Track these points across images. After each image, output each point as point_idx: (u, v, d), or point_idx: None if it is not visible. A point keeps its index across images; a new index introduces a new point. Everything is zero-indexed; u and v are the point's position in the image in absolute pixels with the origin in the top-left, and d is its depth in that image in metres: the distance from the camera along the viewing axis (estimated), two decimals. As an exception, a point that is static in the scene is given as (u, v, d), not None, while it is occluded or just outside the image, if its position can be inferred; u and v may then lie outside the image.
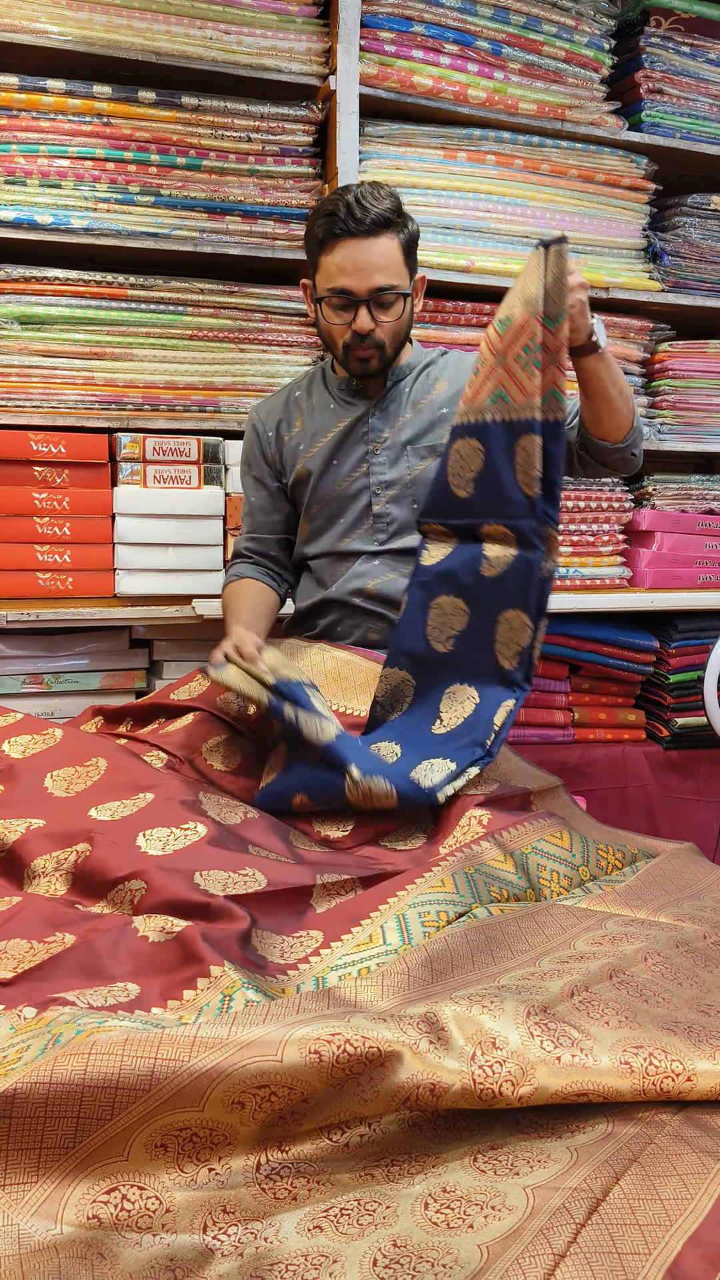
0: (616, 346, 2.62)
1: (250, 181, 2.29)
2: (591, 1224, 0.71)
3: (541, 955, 1.06)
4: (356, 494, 1.87)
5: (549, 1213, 0.72)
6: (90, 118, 2.18)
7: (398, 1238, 0.73)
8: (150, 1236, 0.74)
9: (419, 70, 2.35)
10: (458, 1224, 0.73)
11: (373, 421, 1.85)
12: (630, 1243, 0.70)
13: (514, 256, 2.49)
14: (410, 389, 1.87)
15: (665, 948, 1.08)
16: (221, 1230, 0.75)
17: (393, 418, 1.86)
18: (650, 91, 2.60)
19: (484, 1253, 0.69)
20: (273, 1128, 0.80)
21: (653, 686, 2.76)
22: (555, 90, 2.48)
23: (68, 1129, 0.75)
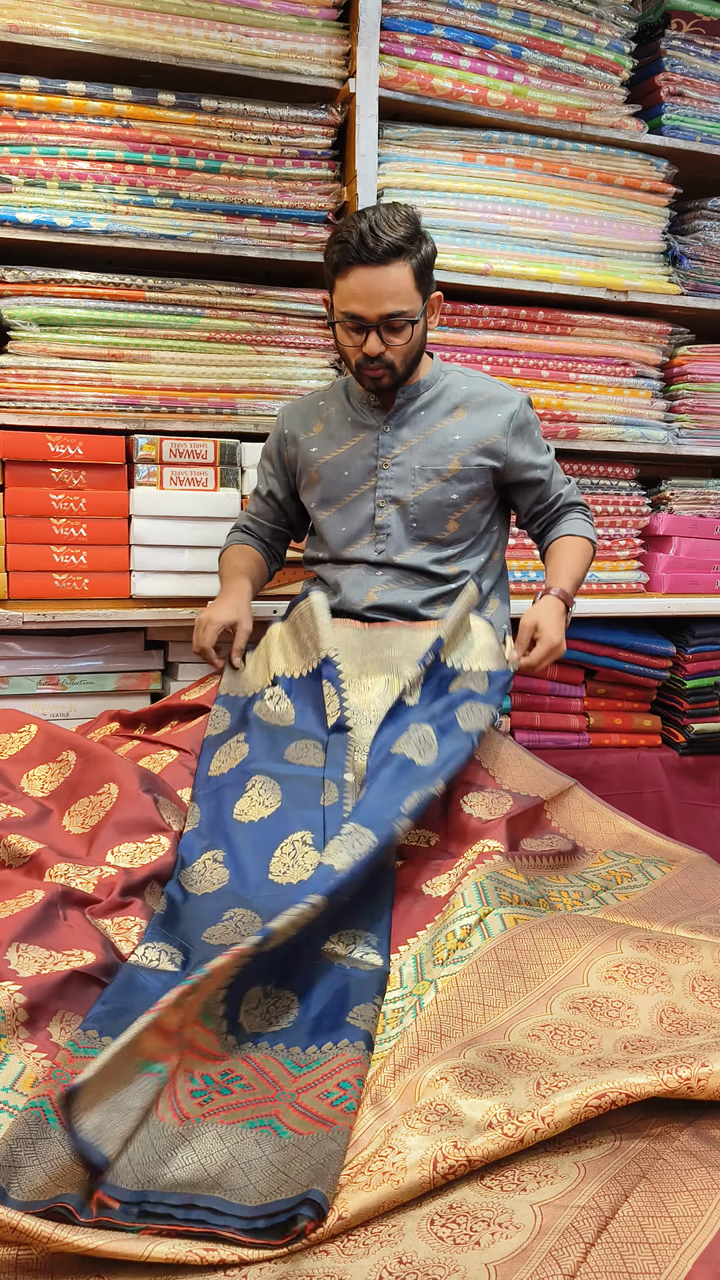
0: (635, 350, 2.61)
1: (269, 184, 2.29)
2: (601, 1243, 0.71)
3: (555, 991, 1.04)
4: (362, 504, 1.90)
5: (557, 1233, 0.71)
6: (110, 120, 2.18)
7: (404, 1254, 0.73)
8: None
9: (439, 73, 2.35)
10: (464, 1240, 0.73)
11: (384, 439, 1.88)
12: (640, 1262, 0.70)
13: (533, 259, 2.48)
14: (426, 411, 1.89)
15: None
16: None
17: (405, 437, 1.88)
18: (671, 94, 2.58)
19: (492, 1273, 0.68)
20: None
21: (669, 692, 2.75)
22: (575, 93, 2.47)
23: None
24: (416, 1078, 0.88)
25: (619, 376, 2.61)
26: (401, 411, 1.88)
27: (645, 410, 2.63)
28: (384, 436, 1.88)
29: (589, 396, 2.57)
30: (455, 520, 1.88)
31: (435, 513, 1.87)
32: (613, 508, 2.64)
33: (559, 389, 2.55)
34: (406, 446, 1.87)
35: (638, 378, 2.63)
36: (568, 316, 2.54)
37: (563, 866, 1.46)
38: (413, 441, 1.87)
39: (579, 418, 2.56)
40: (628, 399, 2.61)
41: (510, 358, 2.51)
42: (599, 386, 2.58)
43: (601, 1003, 1.01)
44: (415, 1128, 0.82)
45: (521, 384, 2.50)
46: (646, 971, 1.04)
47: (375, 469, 1.88)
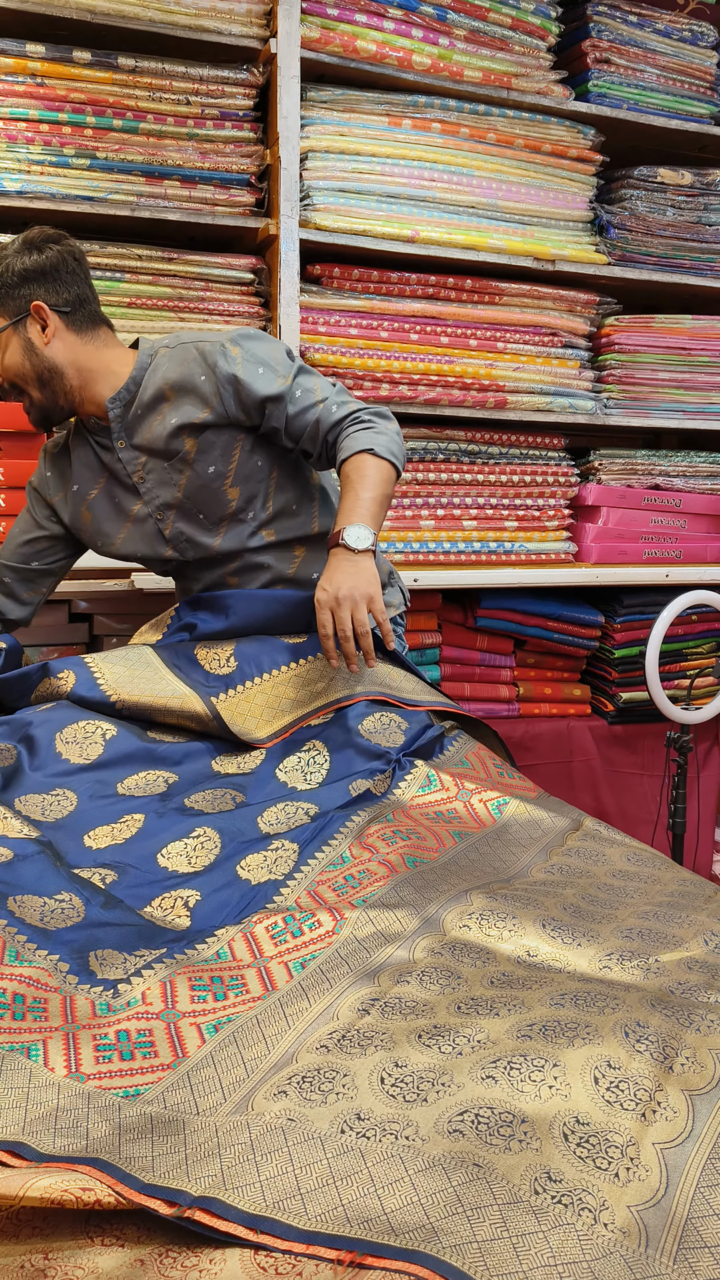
0: (563, 320, 2.61)
1: (189, 145, 2.24)
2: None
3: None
4: (142, 526, 1.80)
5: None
6: (23, 78, 2.12)
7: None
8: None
9: (362, 35, 2.31)
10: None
11: (123, 454, 1.76)
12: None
13: (460, 227, 2.46)
14: (143, 410, 1.73)
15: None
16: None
17: (139, 443, 1.75)
18: (597, 61, 2.57)
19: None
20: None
21: (598, 661, 2.77)
22: (501, 58, 2.45)
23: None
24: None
25: (547, 346, 2.60)
26: (123, 422, 1.74)
27: (574, 380, 2.63)
28: (122, 452, 1.76)
29: (517, 366, 2.56)
30: (230, 486, 1.75)
31: (206, 493, 1.74)
32: (541, 478, 2.64)
33: (487, 358, 2.54)
34: (146, 452, 1.75)
35: (566, 348, 2.63)
36: (496, 285, 2.53)
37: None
38: (146, 443, 1.74)
39: (507, 387, 2.55)
40: (556, 369, 2.61)
41: (439, 326, 2.49)
42: (527, 356, 2.58)
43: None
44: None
45: (449, 353, 2.49)
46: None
47: (133, 486, 1.78)
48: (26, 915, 1.12)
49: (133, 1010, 0.98)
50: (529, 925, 1.05)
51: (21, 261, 1.68)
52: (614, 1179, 0.71)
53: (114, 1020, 0.97)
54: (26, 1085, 0.86)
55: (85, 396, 1.74)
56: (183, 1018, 0.97)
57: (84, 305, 1.72)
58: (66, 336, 1.71)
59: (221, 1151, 0.76)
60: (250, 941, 1.11)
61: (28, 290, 1.68)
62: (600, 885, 1.20)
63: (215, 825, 1.35)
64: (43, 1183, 0.71)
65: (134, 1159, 0.76)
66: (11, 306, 1.69)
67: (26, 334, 1.69)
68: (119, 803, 1.42)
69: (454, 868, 1.24)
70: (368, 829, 1.32)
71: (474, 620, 2.62)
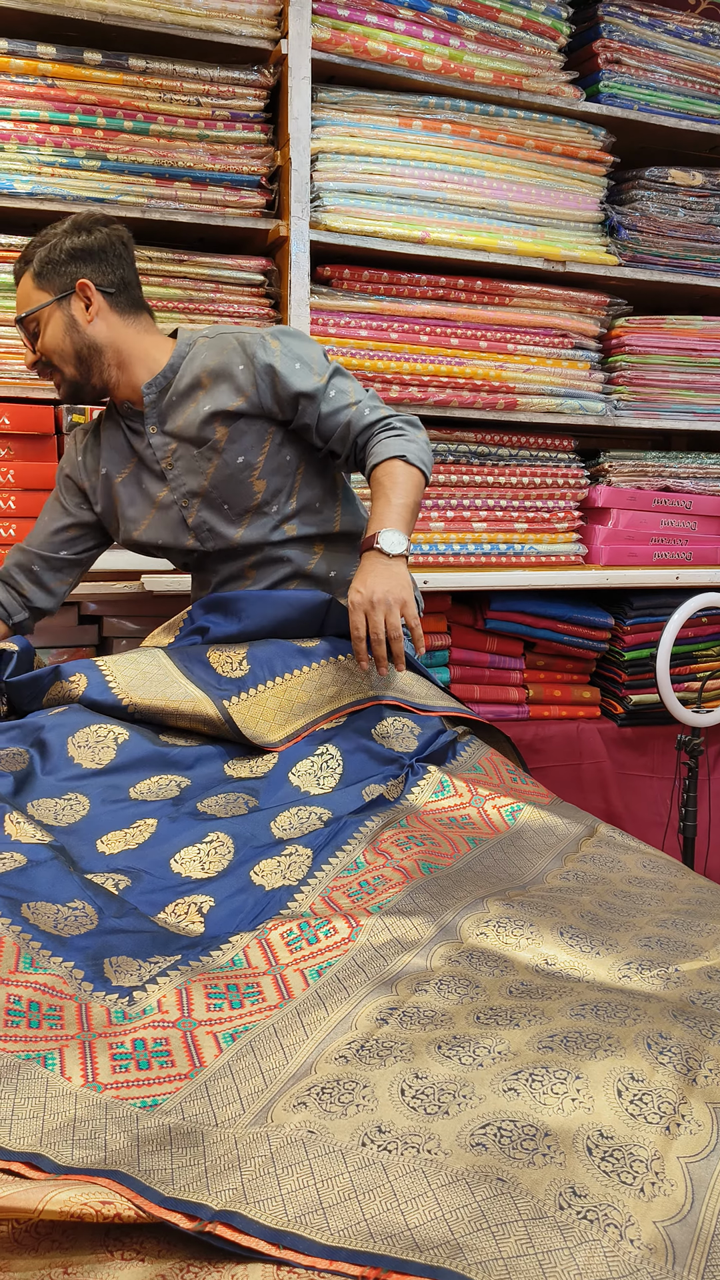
0: (573, 321, 2.60)
1: (200, 147, 2.24)
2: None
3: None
4: (167, 513, 1.81)
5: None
6: (34, 79, 2.11)
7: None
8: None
9: (373, 35, 2.30)
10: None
11: (154, 440, 1.77)
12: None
13: (470, 228, 2.46)
14: (177, 396, 1.75)
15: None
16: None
17: (171, 429, 1.76)
18: (608, 62, 2.56)
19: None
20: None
21: (608, 664, 2.76)
22: (512, 59, 2.44)
23: None
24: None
25: (557, 348, 2.60)
26: (157, 408, 1.76)
27: (584, 382, 2.62)
28: (154, 439, 1.77)
29: (527, 368, 2.55)
30: (257, 479, 1.76)
31: (232, 483, 1.75)
32: (551, 480, 2.63)
33: (497, 360, 2.53)
34: (177, 438, 1.76)
35: (576, 349, 2.62)
36: (506, 286, 2.52)
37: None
38: (178, 430, 1.75)
39: (517, 389, 2.54)
40: (566, 370, 2.60)
41: (448, 328, 2.48)
42: (537, 358, 2.57)
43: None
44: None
45: (460, 355, 2.48)
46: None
47: (163, 473, 1.79)
48: (40, 922, 1.12)
49: (149, 1018, 0.98)
50: (546, 933, 1.05)
51: (71, 241, 1.71)
52: (639, 1194, 0.70)
53: (130, 1028, 0.96)
54: (43, 1095, 0.85)
55: (121, 379, 1.76)
56: (199, 1026, 0.96)
57: (128, 289, 1.75)
58: (109, 317, 1.73)
59: (241, 1164, 0.75)
60: (265, 948, 1.10)
61: (75, 268, 1.71)
62: (616, 892, 1.20)
63: (228, 830, 1.35)
64: (62, 1196, 0.70)
65: (153, 1171, 0.76)
66: (57, 283, 1.71)
67: (70, 311, 1.72)
68: (131, 807, 1.42)
69: (469, 874, 1.24)
70: (381, 834, 1.31)
71: (484, 622, 2.61)
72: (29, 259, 1.73)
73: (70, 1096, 0.85)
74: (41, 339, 1.74)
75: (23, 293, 1.74)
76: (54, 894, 1.18)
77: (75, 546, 1.91)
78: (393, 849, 1.28)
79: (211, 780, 1.48)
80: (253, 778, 1.48)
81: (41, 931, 1.10)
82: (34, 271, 1.72)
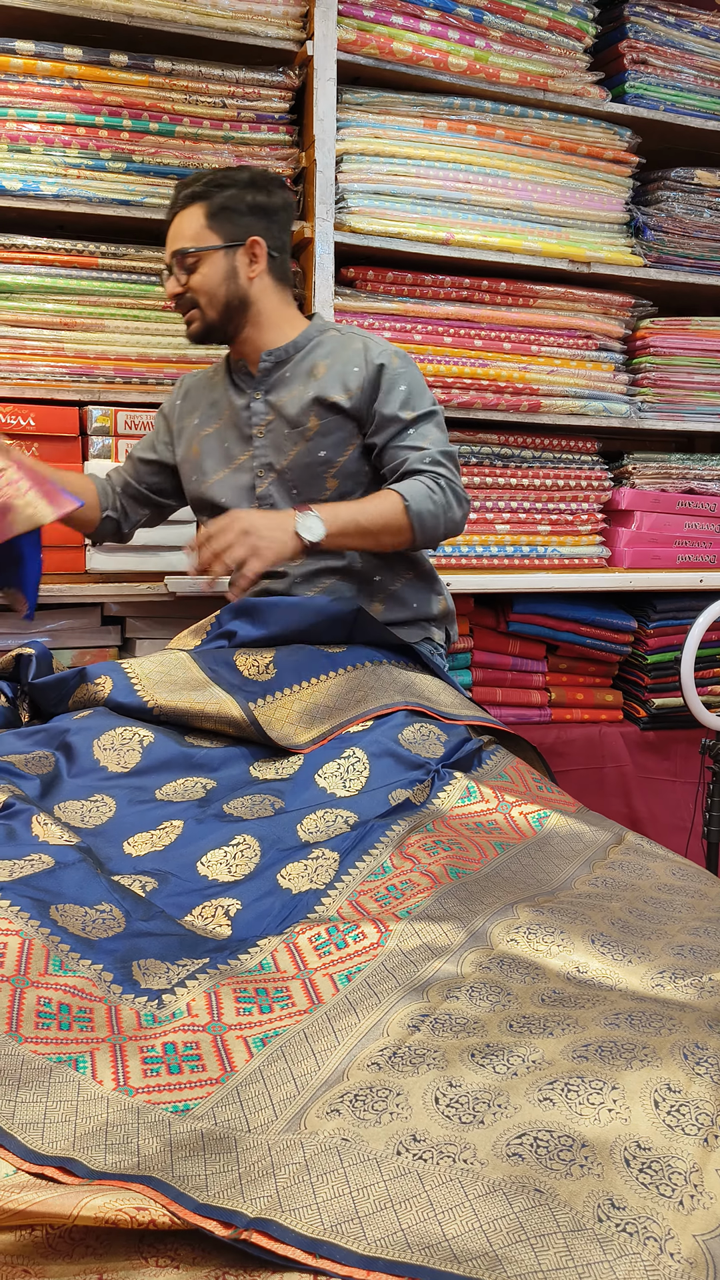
0: (598, 322, 2.59)
1: (225, 148, 2.24)
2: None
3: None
4: (241, 475, 1.86)
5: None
6: (60, 81, 2.12)
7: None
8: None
9: (398, 36, 2.30)
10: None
11: (255, 405, 1.84)
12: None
13: (495, 229, 2.45)
14: (292, 373, 1.83)
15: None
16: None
17: (274, 401, 1.83)
18: (634, 62, 2.55)
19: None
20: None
21: (630, 667, 2.75)
22: (538, 59, 2.43)
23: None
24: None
25: (581, 349, 2.58)
26: (269, 376, 1.84)
27: (608, 384, 2.61)
28: (255, 403, 1.84)
29: (551, 369, 2.54)
30: (331, 477, 1.81)
31: (308, 474, 1.81)
32: (575, 482, 2.62)
33: (521, 361, 2.52)
34: (276, 411, 1.83)
35: (600, 350, 2.61)
36: (530, 288, 2.51)
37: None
38: (280, 404, 1.82)
39: (541, 391, 2.53)
40: (590, 372, 2.59)
41: (472, 329, 2.48)
42: (561, 359, 2.56)
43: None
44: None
45: (483, 356, 2.48)
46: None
47: (250, 437, 1.85)
48: (69, 924, 1.12)
49: (179, 1022, 0.98)
50: (577, 940, 1.04)
51: (254, 196, 1.79)
52: (678, 1207, 0.69)
53: (160, 1032, 0.96)
54: (75, 1098, 0.85)
55: (250, 337, 1.83)
56: (229, 1030, 0.96)
57: (285, 256, 1.86)
58: (265, 279, 1.82)
59: (276, 1171, 0.75)
60: (294, 953, 1.10)
61: (251, 222, 1.79)
62: (646, 899, 1.19)
63: (255, 832, 1.34)
64: (97, 1202, 0.70)
65: (187, 1178, 0.75)
66: (230, 231, 1.78)
67: (234, 261, 1.79)
68: (157, 809, 1.41)
69: (497, 879, 1.23)
70: (408, 839, 1.30)
71: (506, 625, 2.60)
72: (203, 195, 1.77)
73: (102, 1100, 0.85)
74: (194, 276, 1.78)
75: (189, 226, 1.77)
76: (82, 896, 1.18)
77: (149, 481, 1.99)
78: (420, 853, 1.27)
79: (237, 782, 1.48)
80: (278, 780, 1.48)
81: (70, 934, 1.10)
82: (209, 210, 1.77)
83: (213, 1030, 0.96)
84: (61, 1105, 0.84)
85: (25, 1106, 0.83)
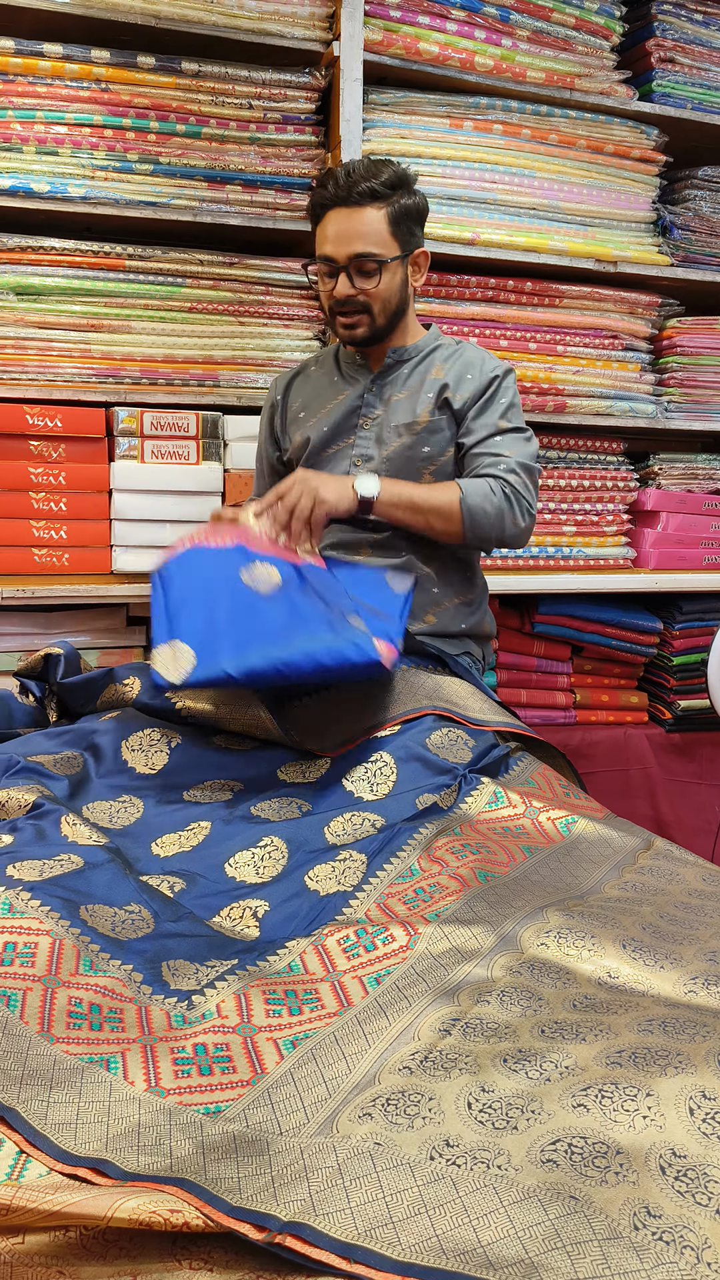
0: (624, 322, 2.57)
1: (251, 150, 2.24)
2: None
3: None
4: (338, 462, 1.87)
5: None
6: (88, 83, 2.12)
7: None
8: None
9: (425, 36, 2.29)
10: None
11: (368, 398, 1.86)
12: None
13: (521, 229, 2.44)
14: (411, 373, 1.86)
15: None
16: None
17: (387, 395, 1.86)
18: (662, 61, 2.53)
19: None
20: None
21: (656, 668, 2.73)
22: (564, 58, 2.42)
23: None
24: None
25: (607, 349, 2.57)
26: (387, 372, 1.87)
27: (634, 384, 2.60)
28: (368, 395, 1.86)
29: (577, 369, 2.53)
30: (429, 474, 1.82)
31: (407, 467, 1.81)
32: (600, 482, 2.61)
33: (547, 361, 2.51)
34: (387, 405, 1.85)
35: (626, 350, 2.60)
36: (556, 287, 2.50)
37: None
38: (393, 399, 1.85)
39: (566, 391, 2.52)
40: (616, 372, 2.57)
41: (497, 329, 2.47)
42: (587, 359, 2.55)
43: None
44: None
45: (509, 356, 2.47)
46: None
47: (355, 427, 1.86)
48: (98, 924, 1.12)
49: (209, 1023, 0.98)
50: (608, 945, 1.03)
51: (418, 201, 1.79)
52: (715, 1216, 0.69)
53: (190, 1033, 0.96)
54: (107, 1099, 0.85)
55: (390, 340, 1.86)
56: (259, 1032, 0.96)
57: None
58: (416, 285, 1.84)
59: (309, 1175, 0.75)
60: (322, 955, 1.10)
61: (417, 230, 1.80)
62: (677, 904, 1.18)
63: (282, 834, 1.35)
64: (130, 1204, 0.70)
65: (220, 1180, 0.76)
66: (405, 239, 1.77)
67: (406, 269, 1.81)
68: (185, 810, 1.42)
69: (526, 883, 1.23)
70: (435, 842, 1.30)
71: (531, 626, 2.59)
72: (383, 197, 1.73)
73: (134, 1101, 0.85)
74: (372, 283, 1.76)
75: (372, 229, 1.74)
76: (111, 897, 1.18)
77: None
78: (448, 856, 1.27)
79: (265, 784, 1.48)
80: (306, 783, 1.48)
81: (99, 934, 1.10)
82: (391, 216, 1.74)
83: (243, 1032, 0.96)
84: (93, 1106, 0.84)
85: (58, 1107, 0.84)
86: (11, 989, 0.96)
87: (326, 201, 1.75)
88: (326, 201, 1.75)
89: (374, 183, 1.72)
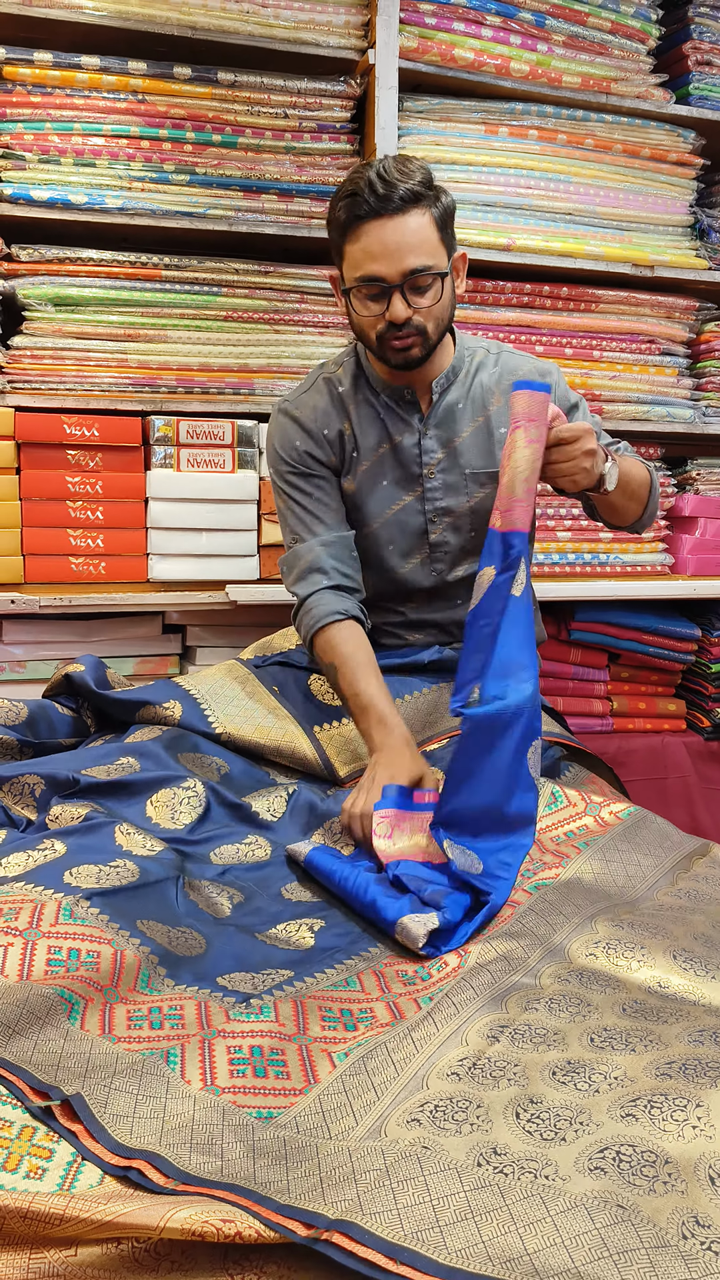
0: (661, 326, 2.56)
1: (287, 159, 2.25)
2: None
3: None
4: (409, 518, 1.67)
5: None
6: (125, 94, 2.14)
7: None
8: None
9: (460, 43, 2.29)
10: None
11: (425, 443, 1.64)
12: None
13: (556, 234, 2.43)
14: (464, 404, 1.65)
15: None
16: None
17: (446, 437, 1.65)
18: (699, 64, 2.52)
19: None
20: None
21: (694, 676, 2.70)
22: (600, 63, 2.41)
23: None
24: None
25: (644, 354, 2.55)
26: (436, 408, 1.63)
27: (671, 388, 2.58)
28: (426, 441, 1.64)
29: (613, 374, 2.52)
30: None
31: (488, 514, 1.53)
32: (637, 488, 2.59)
33: (583, 367, 2.50)
34: (450, 449, 1.64)
35: (664, 355, 2.58)
36: (592, 293, 2.49)
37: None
38: (456, 442, 1.63)
39: (603, 396, 2.51)
40: (653, 377, 2.55)
41: (533, 335, 2.46)
42: (624, 364, 2.53)
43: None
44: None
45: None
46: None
47: (420, 478, 1.64)
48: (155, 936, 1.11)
49: (267, 1022, 0.97)
50: (659, 956, 1.02)
51: (450, 197, 1.52)
52: (767, 1227, 0.67)
53: (249, 1030, 0.96)
54: (163, 1095, 0.85)
55: (432, 361, 1.60)
56: (314, 1043, 0.96)
57: None
58: (460, 292, 1.60)
59: (357, 1176, 0.75)
60: (380, 979, 1.09)
61: (455, 232, 1.55)
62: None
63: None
64: (183, 1214, 0.70)
65: (270, 1184, 0.75)
66: (450, 244, 1.52)
67: (452, 277, 1.55)
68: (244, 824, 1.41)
69: (577, 885, 1.21)
70: None
71: (568, 633, 2.57)
72: (427, 198, 1.47)
73: (189, 1099, 0.85)
74: (430, 299, 1.50)
75: (424, 238, 1.47)
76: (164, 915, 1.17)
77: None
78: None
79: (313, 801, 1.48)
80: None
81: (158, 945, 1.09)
82: (438, 218, 1.48)
83: (298, 1041, 0.95)
84: (150, 1101, 0.84)
85: (118, 1096, 0.84)
86: (75, 994, 0.96)
87: (364, 214, 1.45)
88: (364, 214, 1.45)
89: (412, 183, 1.45)
